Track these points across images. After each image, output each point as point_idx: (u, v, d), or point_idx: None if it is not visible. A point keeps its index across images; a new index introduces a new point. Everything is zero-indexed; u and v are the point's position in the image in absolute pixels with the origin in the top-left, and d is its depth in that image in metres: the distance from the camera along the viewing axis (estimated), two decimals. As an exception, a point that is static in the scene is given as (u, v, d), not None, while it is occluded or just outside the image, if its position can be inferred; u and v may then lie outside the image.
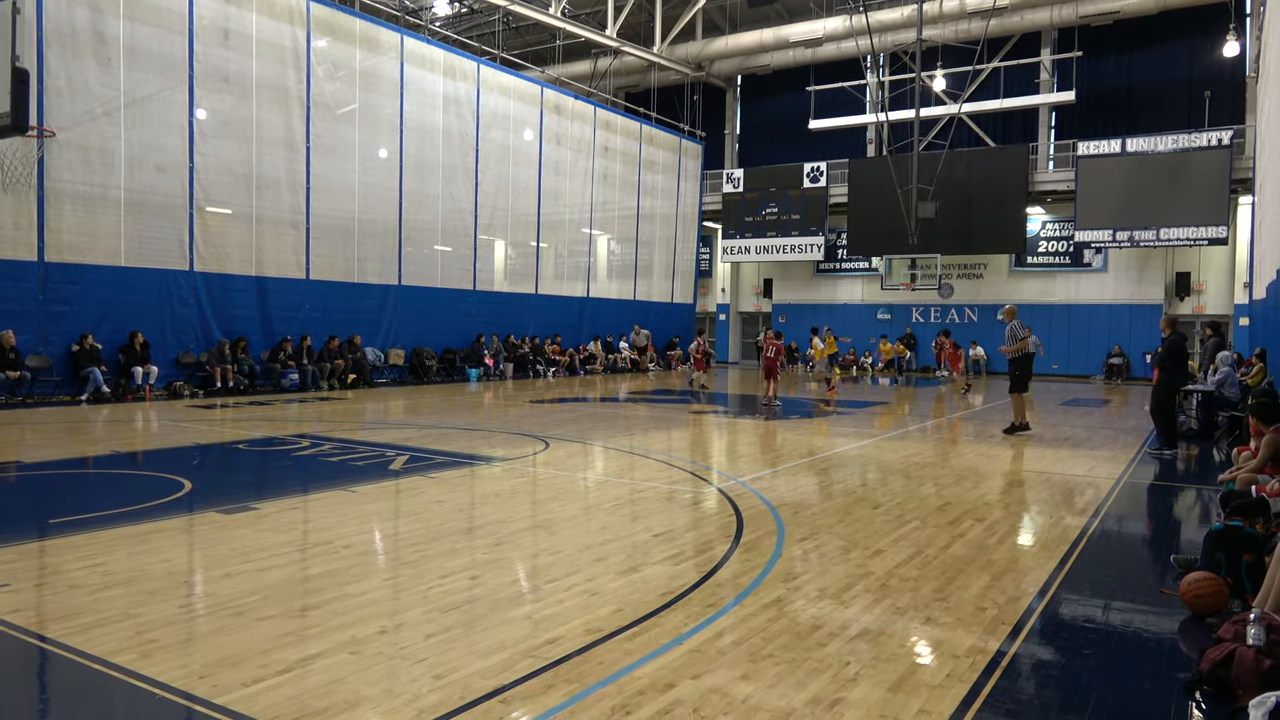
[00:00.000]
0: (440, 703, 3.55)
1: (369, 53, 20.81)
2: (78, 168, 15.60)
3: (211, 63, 17.54)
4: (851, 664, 4.06)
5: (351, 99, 20.40)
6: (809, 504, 7.81)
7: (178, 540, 6.26)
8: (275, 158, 18.79)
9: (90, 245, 15.89)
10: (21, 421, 12.63)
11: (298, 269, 19.47)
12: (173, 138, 16.97)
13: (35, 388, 15.04)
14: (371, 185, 20.98)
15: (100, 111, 15.79)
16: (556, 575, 5.42)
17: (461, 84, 23.30)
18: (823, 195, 31.53)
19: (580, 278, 28.85)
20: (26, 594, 4.91)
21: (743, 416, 15.86)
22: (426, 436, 11.92)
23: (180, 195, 17.15)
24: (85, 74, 15.56)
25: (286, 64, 18.91)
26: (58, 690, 3.83)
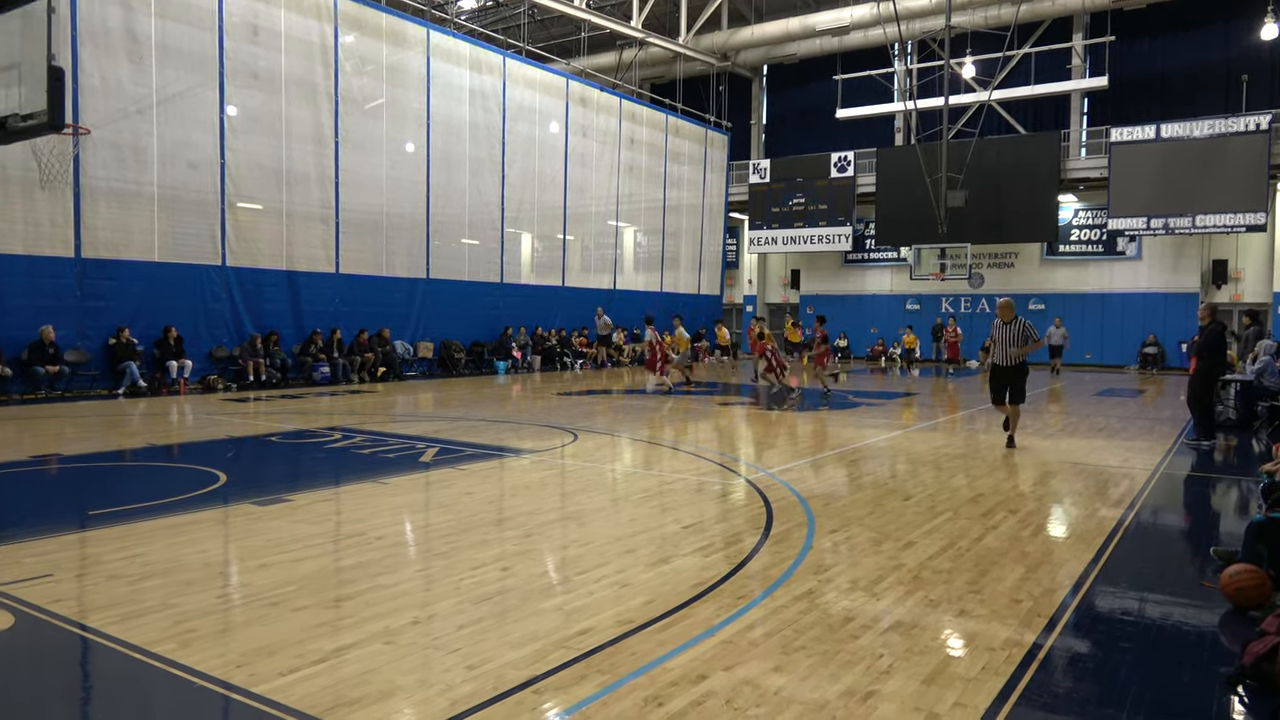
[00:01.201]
0: (474, 693, 3.57)
1: (395, 47, 20.91)
2: (112, 165, 15.83)
3: (241, 59, 17.70)
4: (885, 656, 4.03)
5: (379, 94, 20.51)
6: (839, 495, 7.77)
7: (214, 531, 6.35)
8: (304, 153, 18.95)
9: (125, 241, 16.13)
10: (61, 415, 12.86)
11: (327, 263, 19.64)
12: (204, 134, 17.16)
13: (74, 381, 15.31)
14: (399, 179, 21.10)
15: (133, 109, 16.00)
16: (587, 567, 5.43)
17: (487, 77, 23.35)
18: (850, 185, 31.27)
19: (607, 270, 28.85)
20: (68, 584, 5.00)
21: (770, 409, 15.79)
22: (456, 429, 11.98)
23: (212, 191, 17.35)
24: (118, 72, 15.77)
25: (315, 60, 19.05)
26: (99, 679, 3.90)
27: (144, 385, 15.83)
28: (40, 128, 8.70)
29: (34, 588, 4.84)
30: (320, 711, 3.39)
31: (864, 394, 18.84)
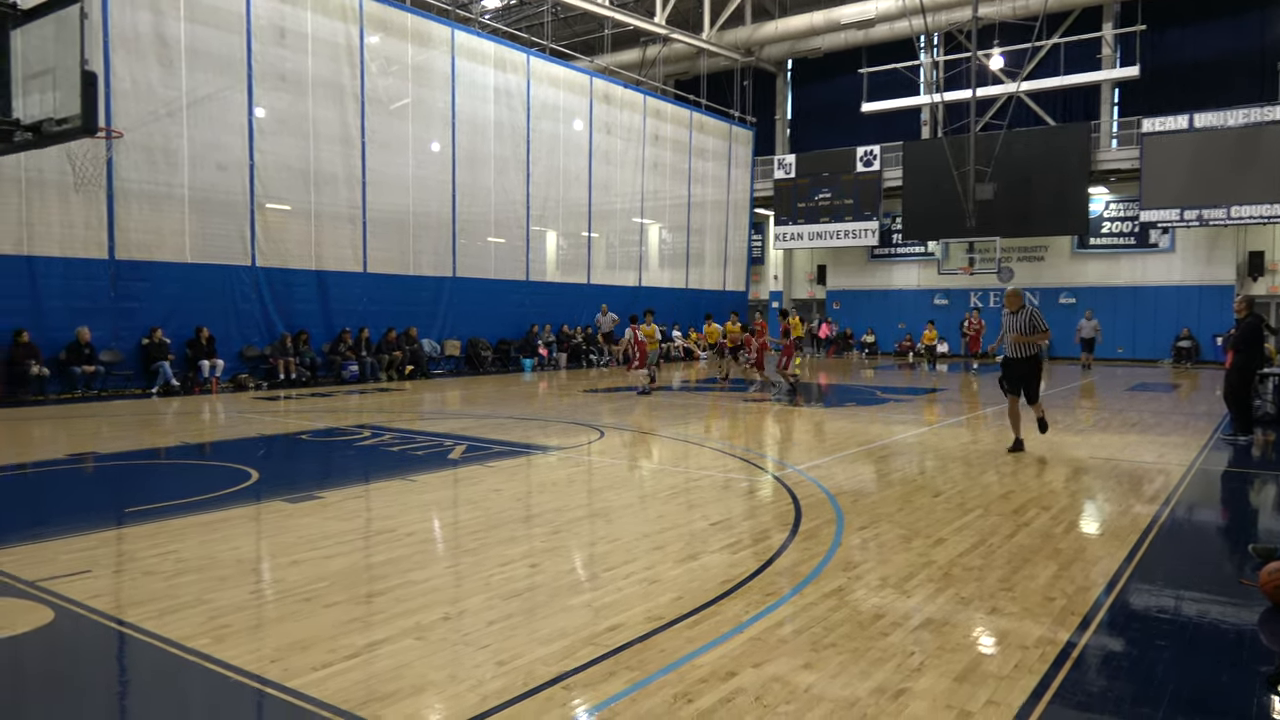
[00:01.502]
0: (504, 689, 3.59)
1: (421, 47, 21.03)
2: (143, 167, 16.06)
3: (269, 61, 17.89)
4: (916, 654, 4.00)
5: (404, 94, 20.64)
6: (868, 492, 7.72)
7: (247, 528, 6.43)
8: (332, 153, 19.12)
9: (157, 243, 16.37)
10: (97, 414, 13.07)
11: (355, 263, 19.81)
12: (233, 136, 17.36)
13: (109, 381, 15.57)
14: (425, 179, 21.23)
15: (163, 112, 16.22)
16: (615, 563, 5.44)
17: (512, 76, 23.42)
18: (876, 179, 31.05)
19: (632, 267, 28.85)
20: (105, 580, 5.08)
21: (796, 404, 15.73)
22: (484, 426, 12.05)
23: (241, 192, 17.55)
24: (149, 76, 16.00)
25: (341, 61, 19.21)
26: (137, 673, 3.96)
27: (177, 384, 16.07)
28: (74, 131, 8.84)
29: (73, 583, 4.92)
30: (353, 706, 3.42)
31: (891, 390, 18.71)
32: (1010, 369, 10.04)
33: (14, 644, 4.12)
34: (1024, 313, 9.80)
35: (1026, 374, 9.89)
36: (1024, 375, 9.90)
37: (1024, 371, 9.89)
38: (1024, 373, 9.89)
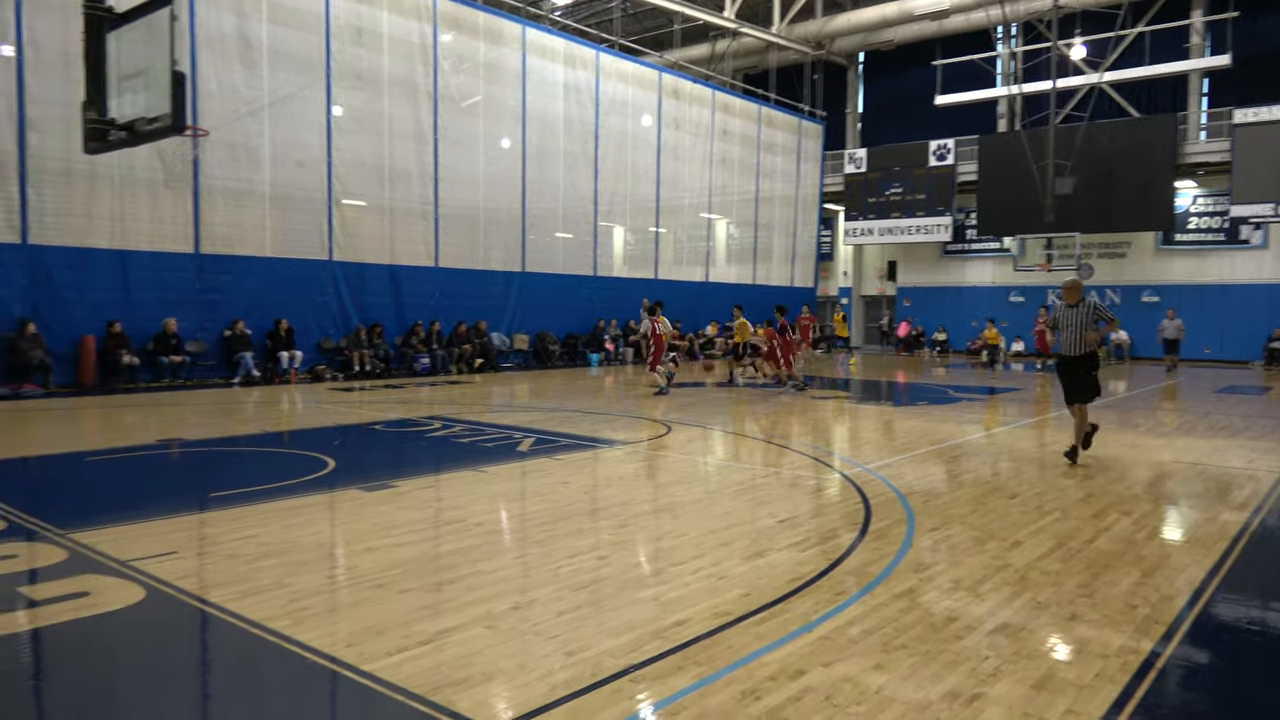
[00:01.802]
0: (572, 679, 3.62)
1: (492, 45, 21.30)
2: (227, 164, 16.63)
3: (346, 61, 18.33)
4: (990, 659, 3.91)
5: (476, 91, 20.93)
6: (939, 492, 7.57)
7: (323, 515, 6.61)
8: (406, 150, 19.51)
9: (240, 237, 16.94)
10: (182, 402, 13.59)
11: (427, 257, 20.19)
12: (312, 134, 17.85)
13: (194, 371, 16.18)
14: (496, 175, 21.51)
15: (246, 111, 16.76)
16: (681, 558, 5.44)
17: (581, 72, 23.55)
18: (950, 174, 30.38)
19: (699, 262, 28.78)
20: (191, 561, 5.28)
21: (865, 402, 15.51)
22: (551, 419, 12.16)
23: (319, 189, 18.03)
24: (233, 76, 16.54)
25: (415, 59, 19.57)
26: (221, 652, 4.11)
27: (257, 375, 16.61)
28: (164, 130, 9.19)
29: (161, 564, 5.13)
30: (426, 691, 3.49)
31: (964, 389, 18.31)
32: (1066, 369, 9.19)
33: (108, 620, 4.31)
34: (1084, 306, 8.93)
35: (1083, 371, 9.01)
36: (1081, 373, 9.02)
37: (1081, 368, 9.01)
38: (1081, 369, 9.01)
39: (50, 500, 7.14)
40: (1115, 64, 27.05)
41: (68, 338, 14.89)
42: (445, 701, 3.40)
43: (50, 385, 14.34)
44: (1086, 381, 9.03)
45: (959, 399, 16.18)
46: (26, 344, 14.13)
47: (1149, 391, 18.10)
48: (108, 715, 3.41)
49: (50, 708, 3.50)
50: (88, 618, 4.31)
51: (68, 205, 14.79)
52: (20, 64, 14.09)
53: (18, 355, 14.07)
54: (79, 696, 3.57)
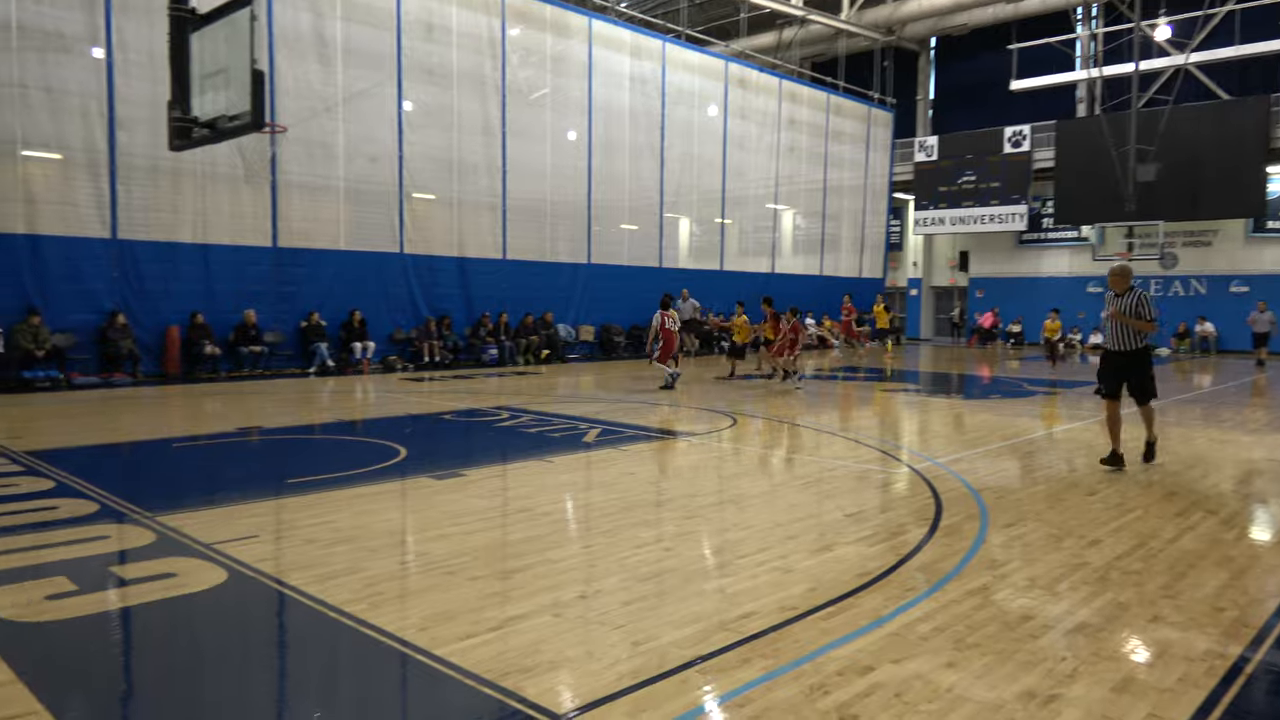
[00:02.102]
0: (639, 669, 3.64)
1: (559, 37, 21.42)
2: (303, 160, 17.08)
3: (417, 57, 18.65)
4: (1068, 659, 3.81)
5: (543, 84, 21.09)
6: (1013, 488, 7.39)
7: (395, 502, 6.76)
8: (474, 144, 19.77)
9: (315, 231, 17.40)
10: (261, 391, 14.03)
11: (495, 249, 20.45)
12: (384, 129, 18.22)
13: (271, 361, 16.70)
14: (562, 167, 21.66)
15: (321, 108, 17.18)
16: (748, 551, 5.42)
17: (647, 63, 23.53)
18: (1026, 161, 29.54)
19: (765, 253, 28.55)
20: (270, 545, 5.46)
21: (936, 395, 15.20)
22: (617, 410, 12.22)
23: (391, 183, 18.41)
24: (309, 74, 16.98)
25: (484, 54, 19.80)
26: (300, 633, 4.24)
27: (332, 365, 17.06)
28: (245, 127, 9.47)
29: (242, 547, 5.31)
30: (495, 676, 3.55)
31: (1039, 382, 17.82)
32: (1110, 363, 8.33)
33: (193, 600, 4.48)
34: (1132, 295, 8.08)
35: (1132, 368, 8.16)
36: (1127, 372, 8.18)
37: (1129, 365, 8.17)
38: (1129, 366, 8.17)
39: (139, 485, 7.46)
40: (1202, 44, 25.91)
41: (154, 328, 15.50)
42: (514, 687, 3.45)
43: (138, 374, 14.96)
44: (1140, 380, 8.17)
45: (1034, 392, 15.75)
46: (116, 334, 14.77)
47: (1237, 386, 17.36)
48: (192, 692, 3.55)
49: (139, 683, 3.66)
50: (174, 598, 4.49)
51: (154, 201, 15.39)
52: (110, 66, 14.68)
53: (108, 345, 14.71)
54: (165, 673, 3.72)
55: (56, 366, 14.02)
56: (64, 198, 14.53)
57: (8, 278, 13.98)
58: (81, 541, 5.39)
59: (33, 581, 4.61)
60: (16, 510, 6.12)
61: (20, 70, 13.87)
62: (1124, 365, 8.20)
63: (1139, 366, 8.16)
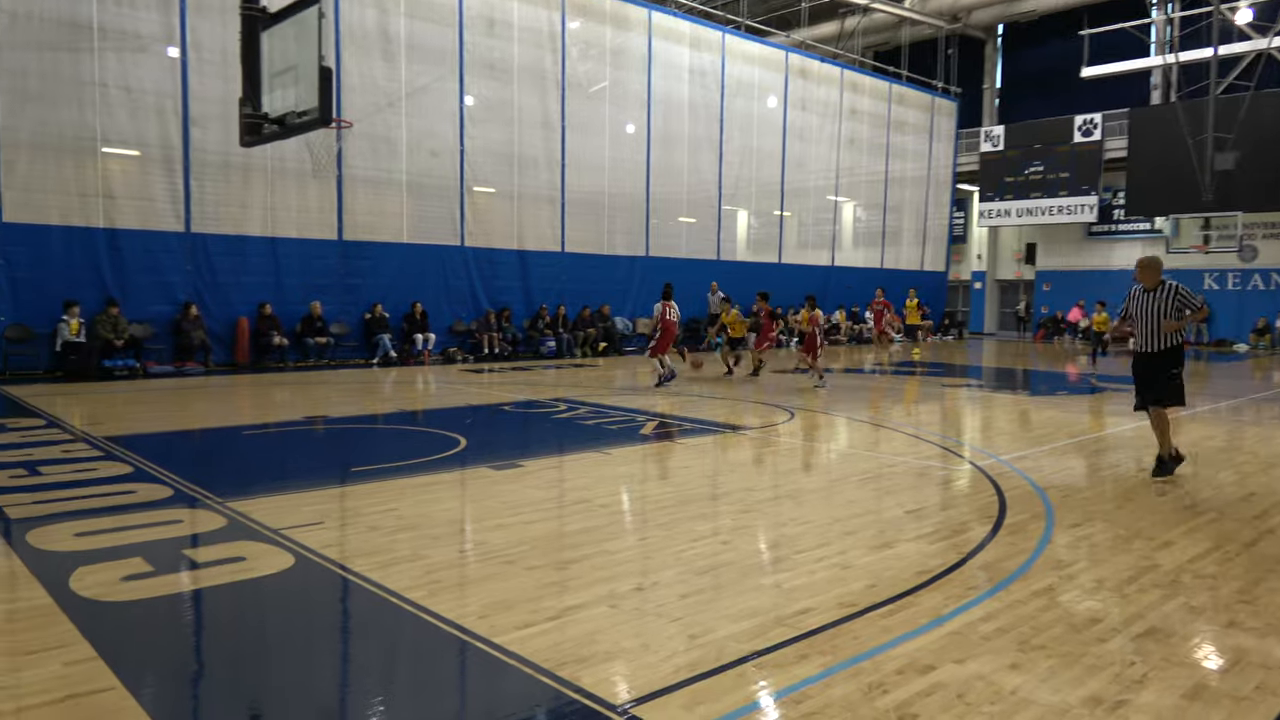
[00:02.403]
0: (695, 662, 3.64)
1: (619, 30, 21.43)
2: (367, 155, 17.41)
3: (478, 52, 18.85)
4: (1137, 664, 3.70)
5: (602, 77, 21.14)
6: (1080, 487, 7.19)
7: (455, 491, 6.87)
8: (533, 137, 19.92)
9: (379, 224, 17.75)
10: (326, 381, 14.37)
11: (554, 242, 20.59)
12: (445, 124, 18.47)
13: (336, 351, 17.09)
14: (621, 160, 21.70)
15: (385, 103, 17.48)
16: (805, 546, 5.38)
17: (706, 54, 23.42)
18: (1097, 150, 28.67)
19: (824, 246, 28.23)
20: (335, 532, 5.59)
21: (1000, 391, 14.87)
22: (673, 403, 12.22)
23: (452, 177, 18.66)
24: (374, 70, 17.29)
25: (544, 48, 19.92)
26: (362, 617, 4.33)
27: (394, 356, 17.39)
28: (312, 123, 9.68)
29: (308, 533, 5.45)
30: (552, 666, 3.58)
31: (1108, 378, 17.31)
32: (1141, 367, 7.61)
33: (261, 584, 4.62)
34: (1164, 290, 7.34)
35: (1160, 371, 7.43)
36: (1159, 372, 7.44)
37: (1159, 368, 7.43)
38: (1159, 369, 7.43)
39: (211, 470, 7.70)
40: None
41: (225, 319, 15.98)
42: (570, 677, 3.48)
43: (209, 363, 15.45)
44: (1167, 383, 7.43)
45: (1102, 388, 15.31)
46: (189, 325, 15.26)
47: (1321, 384, 16.64)
48: (259, 672, 3.66)
49: (209, 663, 3.78)
50: (243, 581, 4.63)
51: (225, 196, 15.85)
52: (184, 64, 15.14)
53: (181, 336, 15.21)
54: (234, 654, 3.84)
55: (134, 356, 14.55)
56: (141, 193, 15.05)
57: (89, 270, 14.55)
58: (157, 525, 5.59)
59: (111, 563, 4.79)
60: (96, 494, 6.37)
61: (100, 70, 14.39)
62: (1154, 367, 7.48)
63: (1167, 365, 7.42)
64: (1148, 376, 7.55)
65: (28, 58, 13.76)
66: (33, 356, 14.06)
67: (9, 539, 5.24)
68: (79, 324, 14.14)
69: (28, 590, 4.37)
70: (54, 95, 14.04)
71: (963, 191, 33.79)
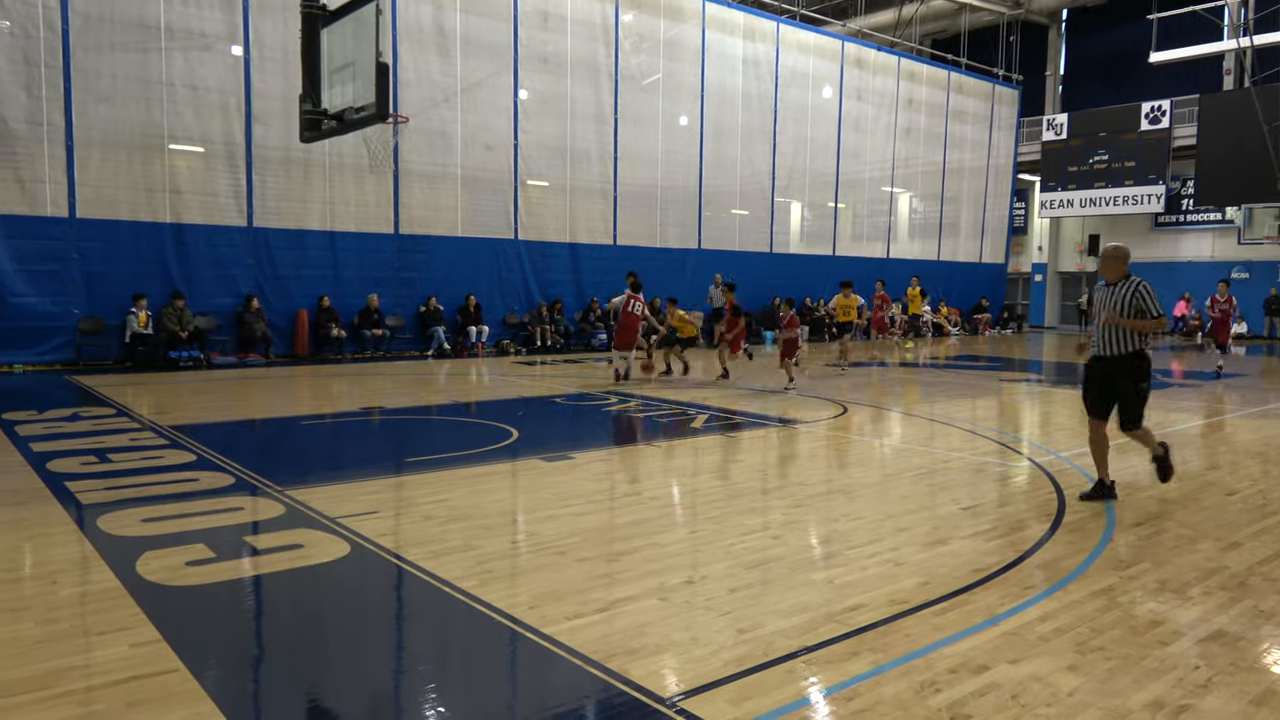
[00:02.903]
0: (744, 657, 3.63)
1: (672, 22, 21.36)
2: (423, 150, 17.64)
3: (533, 46, 18.96)
4: (1202, 668, 3.59)
5: (655, 69, 21.09)
6: (1143, 485, 6.99)
7: (507, 482, 6.94)
8: (586, 131, 19.98)
9: (434, 218, 17.99)
10: (382, 372, 14.62)
11: (606, 235, 20.64)
12: (499, 118, 18.62)
13: (392, 343, 17.38)
14: (673, 152, 21.65)
15: (440, 98, 17.69)
16: (857, 542, 5.32)
17: (760, 45, 23.22)
18: (1165, 138, 27.76)
19: (879, 238, 27.84)
20: (389, 521, 5.69)
21: (1060, 386, 14.52)
22: (725, 397, 12.17)
23: (506, 170, 18.82)
24: (429, 65, 17.51)
25: (597, 40, 19.96)
26: (416, 605, 4.41)
27: (448, 348, 17.63)
28: (370, 118, 9.85)
29: (364, 522, 5.56)
30: (601, 657, 3.60)
31: (1173, 374, 16.78)
32: (1095, 372, 6.37)
33: (318, 571, 4.72)
34: (1127, 285, 6.23)
35: (1117, 380, 6.20)
36: (1115, 381, 6.21)
37: (1116, 374, 6.20)
38: (1116, 376, 6.20)
39: (270, 459, 7.90)
40: (1373, 7, 23.71)
41: (285, 312, 16.36)
42: (619, 669, 3.49)
43: (270, 355, 15.83)
44: (1124, 395, 6.19)
45: (1168, 384, 14.85)
46: (251, 318, 15.65)
47: (1405, 381, 15.92)
48: (316, 657, 3.74)
49: (269, 647, 3.88)
50: (301, 568, 4.74)
51: (286, 191, 16.21)
52: (247, 63, 15.51)
53: (244, 328, 15.62)
54: (292, 638, 3.93)
55: (198, 347, 14.98)
56: (206, 188, 15.47)
57: (156, 264, 15.01)
58: (219, 512, 5.75)
59: (176, 548, 4.94)
60: (162, 481, 6.58)
61: (168, 69, 14.81)
62: (1110, 375, 6.24)
63: (1131, 377, 6.17)
64: (1107, 388, 6.29)
65: (100, 59, 14.23)
66: (104, 347, 14.56)
67: (81, 524, 5.44)
68: (147, 316, 14.61)
69: (98, 573, 4.53)
70: (124, 95, 14.50)
71: (1023, 182, 33.03)
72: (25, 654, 3.54)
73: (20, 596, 4.22)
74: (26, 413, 9.61)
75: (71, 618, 3.95)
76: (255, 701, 3.34)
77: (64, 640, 3.69)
